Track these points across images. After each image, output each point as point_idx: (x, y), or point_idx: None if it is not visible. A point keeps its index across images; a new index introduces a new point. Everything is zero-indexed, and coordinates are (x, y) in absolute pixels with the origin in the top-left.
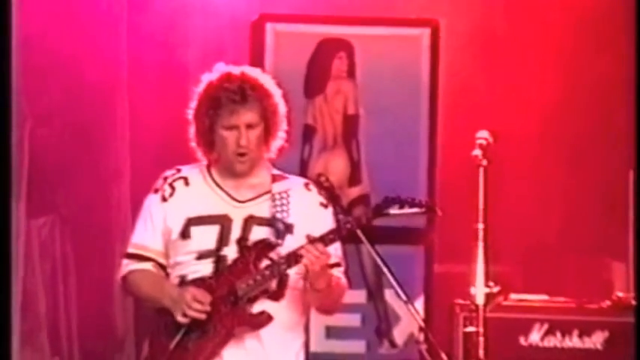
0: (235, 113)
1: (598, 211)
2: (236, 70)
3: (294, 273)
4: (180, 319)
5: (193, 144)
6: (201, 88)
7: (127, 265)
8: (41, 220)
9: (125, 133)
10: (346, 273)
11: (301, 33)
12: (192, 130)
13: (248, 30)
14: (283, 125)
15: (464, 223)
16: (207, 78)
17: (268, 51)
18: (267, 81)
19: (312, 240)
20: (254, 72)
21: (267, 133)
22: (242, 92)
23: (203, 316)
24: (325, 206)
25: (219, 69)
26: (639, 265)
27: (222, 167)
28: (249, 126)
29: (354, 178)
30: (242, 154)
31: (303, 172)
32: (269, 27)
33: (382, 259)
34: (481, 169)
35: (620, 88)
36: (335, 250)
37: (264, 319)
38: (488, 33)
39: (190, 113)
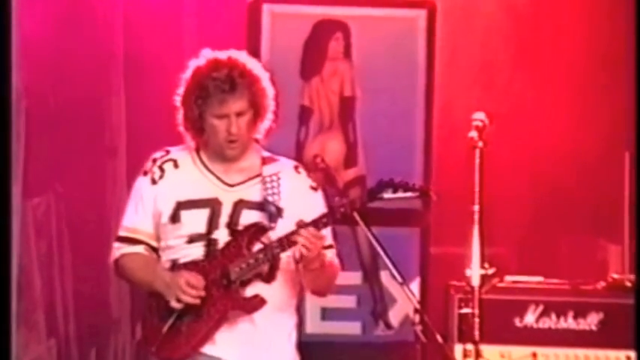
0: (225, 102)
1: (593, 193)
2: (223, 55)
3: (285, 255)
4: (174, 304)
5: (182, 129)
6: (188, 74)
7: (119, 249)
8: (36, 200)
9: (121, 112)
10: (341, 254)
11: (298, 14)
12: (180, 116)
13: (245, 11)
14: (271, 107)
15: (459, 204)
16: (194, 64)
17: (265, 32)
18: (254, 65)
19: (305, 224)
20: (241, 56)
21: (257, 117)
22: (231, 81)
23: (197, 301)
24: (315, 189)
25: (206, 55)
26: (635, 247)
27: (211, 151)
28: (239, 114)
29: (350, 160)
30: (233, 141)
31: (299, 153)
32: (266, 8)
33: (378, 241)
34: (477, 151)
35: (618, 69)
36: (326, 232)
37: (258, 302)
38: (485, 14)
39: (178, 99)
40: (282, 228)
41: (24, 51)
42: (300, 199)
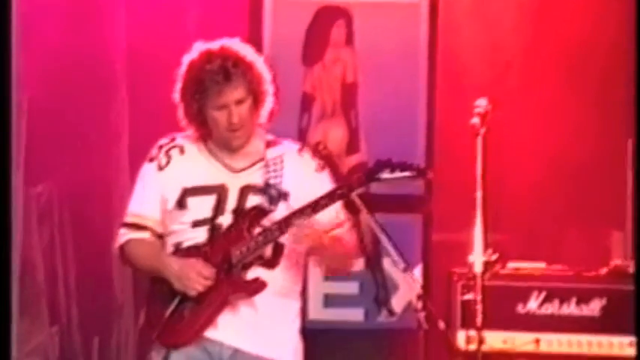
0: (222, 93)
1: (596, 180)
2: (215, 46)
3: (289, 241)
4: (192, 294)
5: (184, 124)
6: (183, 69)
7: (125, 235)
8: (39, 188)
9: (124, 99)
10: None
11: (300, 1)
12: (180, 112)
13: None
14: (270, 90)
15: (462, 191)
16: (188, 58)
17: (267, 19)
18: (247, 52)
19: (303, 207)
20: (233, 45)
21: (257, 103)
22: (225, 71)
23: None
24: (321, 169)
25: (199, 48)
26: (636, 234)
27: (216, 140)
28: (238, 102)
29: (352, 147)
30: (235, 130)
31: (301, 140)
32: None
33: (380, 227)
34: (479, 138)
35: (620, 57)
36: (336, 212)
37: (259, 285)
38: (487, 1)
39: (177, 96)
40: (286, 211)
41: (28, 42)
42: (304, 182)
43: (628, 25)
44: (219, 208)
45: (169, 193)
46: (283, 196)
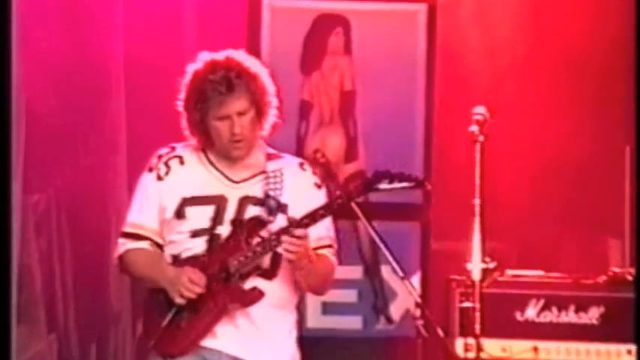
0: (224, 104)
1: (594, 187)
2: (220, 56)
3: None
4: (178, 300)
5: (187, 132)
6: (187, 79)
7: (124, 245)
8: (36, 196)
9: (121, 107)
10: (339, 251)
11: (298, 8)
12: (184, 122)
13: (245, 5)
14: (274, 103)
15: (460, 199)
16: (193, 68)
17: (265, 27)
18: (252, 63)
19: (302, 217)
20: (238, 56)
21: (260, 115)
22: (228, 82)
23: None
24: (319, 187)
25: (203, 58)
26: (635, 241)
27: (218, 150)
28: (240, 113)
29: (350, 155)
30: (238, 141)
31: (299, 148)
32: (266, 2)
33: (379, 235)
34: (478, 145)
35: (619, 63)
36: (327, 230)
37: (256, 295)
38: (485, 8)
39: (180, 105)
40: (284, 223)
41: (25, 49)
42: (303, 196)
43: (627, 33)
44: (217, 219)
45: (168, 202)
46: (282, 207)
